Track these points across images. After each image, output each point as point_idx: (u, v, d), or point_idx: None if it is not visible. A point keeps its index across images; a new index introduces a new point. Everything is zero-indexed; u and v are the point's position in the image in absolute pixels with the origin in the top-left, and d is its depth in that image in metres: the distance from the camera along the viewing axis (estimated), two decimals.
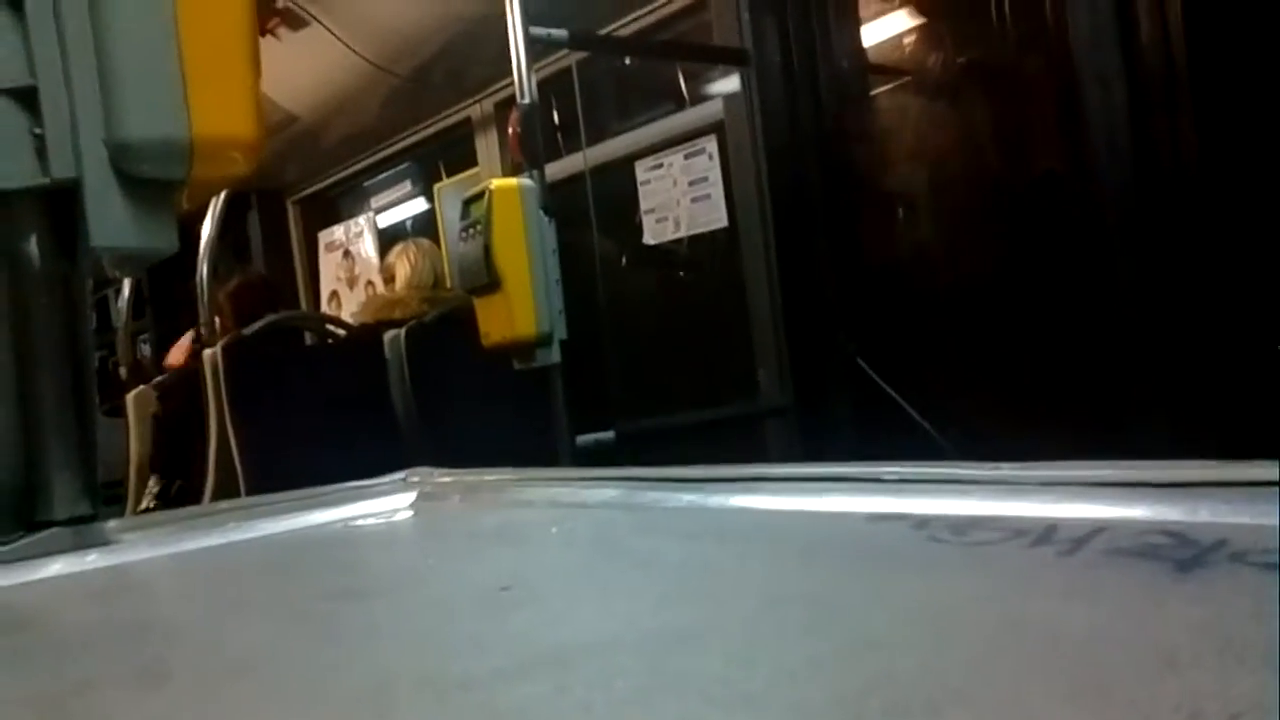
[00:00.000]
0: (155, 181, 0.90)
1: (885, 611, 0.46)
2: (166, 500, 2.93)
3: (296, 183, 5.17)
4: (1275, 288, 1.92)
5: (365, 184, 4.97)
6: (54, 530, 0.88)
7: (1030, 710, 0.32)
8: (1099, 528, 0.51)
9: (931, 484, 0.66)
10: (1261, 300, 1.95)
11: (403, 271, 3.28)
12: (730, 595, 0.52)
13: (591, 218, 3.01)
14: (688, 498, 0.81)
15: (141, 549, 0.88)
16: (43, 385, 0.93)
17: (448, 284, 3.33)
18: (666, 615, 0.50)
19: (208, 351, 2.78)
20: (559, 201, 2.51)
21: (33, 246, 0.92)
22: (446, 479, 1.11)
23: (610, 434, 2.48)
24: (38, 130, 0.87)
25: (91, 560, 0.85)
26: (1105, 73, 2.16)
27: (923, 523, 0.59)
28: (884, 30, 2.80)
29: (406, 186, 4.78)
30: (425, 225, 4.56)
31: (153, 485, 2.99)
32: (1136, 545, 0.48)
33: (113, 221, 0.89)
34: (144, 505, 2.96)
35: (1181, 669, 0.34)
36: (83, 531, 0.89)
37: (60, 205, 0.91)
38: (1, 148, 0.87)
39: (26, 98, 0.87)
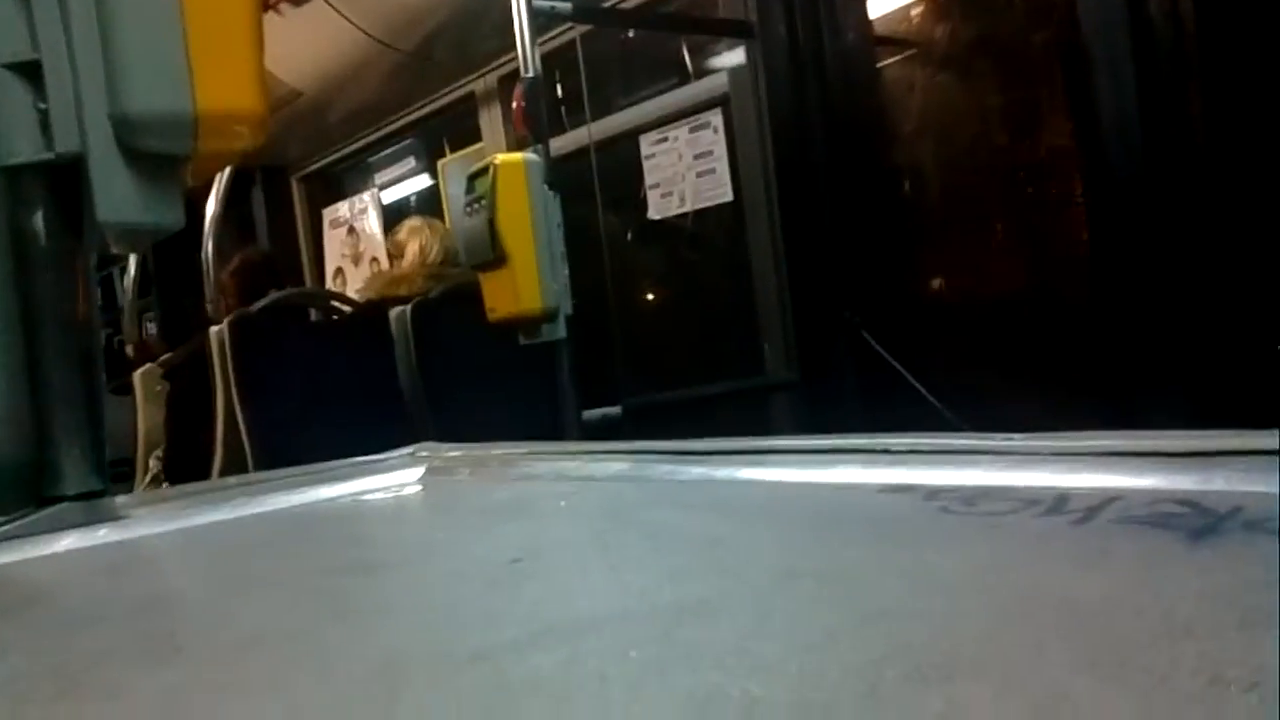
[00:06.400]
0: (160, 156, 0.90)
1: (899, 582, 0.46)
2: (169, 476, 2.94)
3: (300, 159, 5.15)
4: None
5: (369, 160, 4.96)
6: (64, 505, 0.89)
7: (1048, 677, 0.32)
8: (1111, 497, 0.51)
9: (941, 455, 0.66)
10: (1266, 290, 1.94)
11: (413, 249, 3.27)
12: (742, 567, 0.52)
13: (596, 192, 3.00)
14: (697, 471, 0.81)
15: (151, 524, 0.89)
16: (50, 361, 0.93)
17: (458, 261, 3.32)
18: (679, 587, 0.50)
19: (214, 329, 2.78)
20: (564, 176, 2.50)
21: (38, 222, 0.91)
22: (454, 453, 1.11)
23: (616, 409, 2.48)
24: (42, 105, 0.87)
25: (102, 535, 0.85)
26: (1114, 48, 2.14)
27: (933, 493, 0.58)
28: (890, 3, 2.78)
29: (411, 162, 4.77)
30: (430, 200, 4.55)
31: (154, 464, 3.00)
32: (1150, 514, 0.48)
33: (118, 196, 0.88)
34: (147, 481, 2.97)
35: (1199, 636, 0.34)
36: (93, 507, 0.90)
37: (65, 180, 0.90)
38: (6, 122, 0.87)
39: (30, 72, 0.86)
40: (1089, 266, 2.34)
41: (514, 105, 2.50)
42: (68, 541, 0.83)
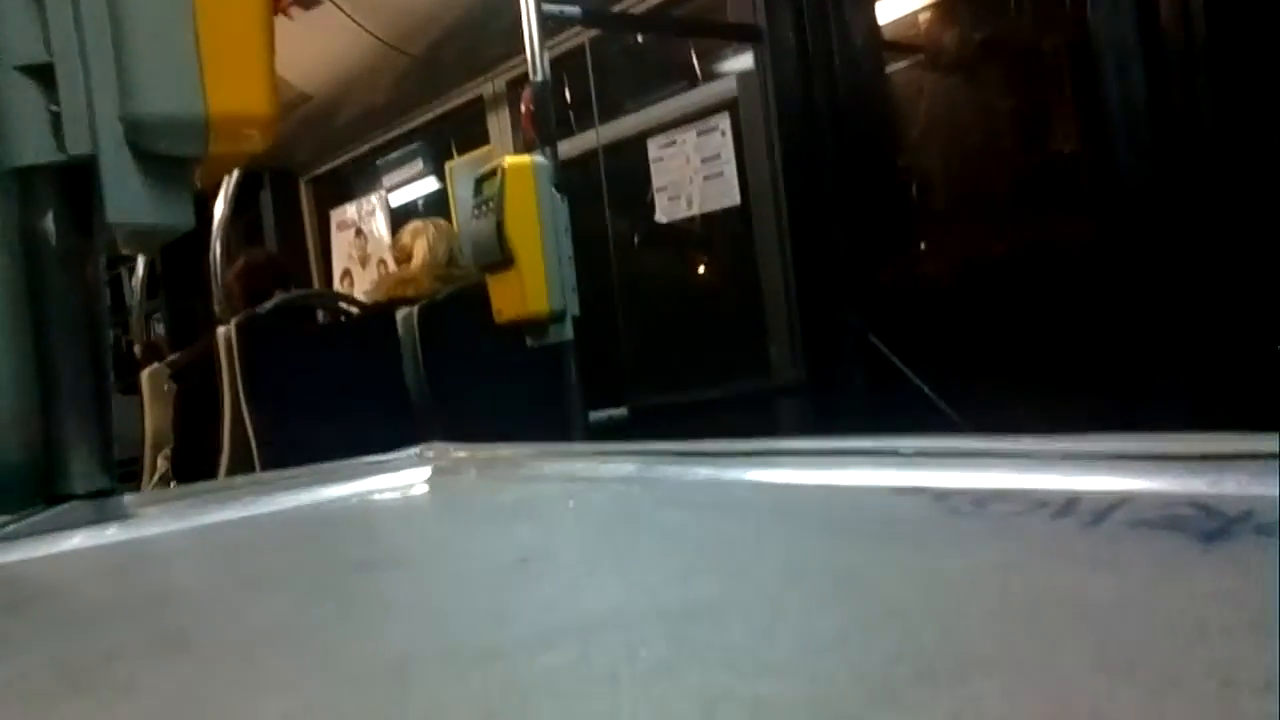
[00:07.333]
0: (171, 158, 0.90)
1: (909, 583, 0.46)
2: (177, 475, 2.95)
3: (309, 162, 5.17)
4: None
5: (377, 162, 4.97)
6: (73, 504, 0.89)
7: (1059, 677, 0.32)
8: (1122, 499, 0.51)
9: (950, 457, 0.66)
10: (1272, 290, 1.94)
11: (420, 250, 3.28)
12: (751, 568, 0.52)
13: (604, 195, 3.00)
14: (704, 472, 0.81)
15: (160, 522, 0.89)
16: (59, 360, 0.93)
17: (461, 263, 3.33)
18: (688, 587, 0.50)
19: (222, 329, 2.79)
20: (571, 179, 2.50)
21: (49, 223, 0.92)
22: (461, 454, 1.11)
23: (623, 410, 2.49)
24: (54, 107, 0.87)
25: (111, 533, 0.85)
26: (1124, 52, 2.14)
27: (943, 495, 0.58)
28: (899, 7, 2.78)
29: (418, 165, 4.78)
30: (437, 203, 4.56)
31: (162, 463, 3.01)
32: (1161, 517, 0.48)
33: (128, 197, 0.89)
34: (155, 480, 2.99)
35: (1211, 639, 0.34)
36: (101, 505, 0.90)
37: (76, 182, 0.91)
38: (18, 124, 0.87)
39: (43, 74, 0.87)
40: (1098, 270, 2.33)
41: (522, 109, 2.50)
42: (76, 540, 0.83)
